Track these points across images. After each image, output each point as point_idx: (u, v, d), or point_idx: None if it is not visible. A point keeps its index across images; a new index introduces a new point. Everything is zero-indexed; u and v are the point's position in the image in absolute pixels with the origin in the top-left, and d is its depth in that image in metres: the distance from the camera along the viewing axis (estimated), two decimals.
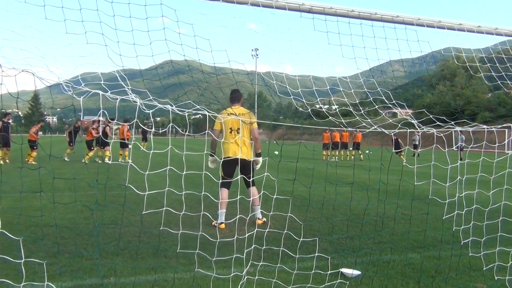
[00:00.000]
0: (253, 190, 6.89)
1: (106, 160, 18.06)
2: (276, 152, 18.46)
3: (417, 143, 28.60)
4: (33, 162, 17.76)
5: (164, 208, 3.88)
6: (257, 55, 79.51)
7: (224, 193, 6.80)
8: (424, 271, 4.86)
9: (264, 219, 7.07)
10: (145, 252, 5.35)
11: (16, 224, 6.42)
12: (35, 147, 18.64)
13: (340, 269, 4.71)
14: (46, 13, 4.12)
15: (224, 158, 6.84)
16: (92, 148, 18.92)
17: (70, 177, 12.61)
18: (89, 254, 5.18)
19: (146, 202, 4.27)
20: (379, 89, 5.71)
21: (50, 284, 3.65)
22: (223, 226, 6.66)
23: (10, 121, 18.91)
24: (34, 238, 5.79)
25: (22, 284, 3.55)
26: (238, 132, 6.90)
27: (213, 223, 6.62)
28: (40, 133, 19.92)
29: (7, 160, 18.17)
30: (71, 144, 20.19)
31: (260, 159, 7.25)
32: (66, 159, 19.13)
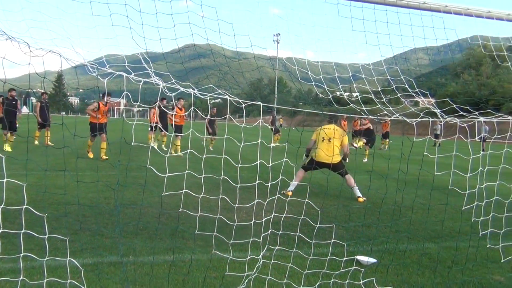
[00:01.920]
0: (347, 177, 8.79)
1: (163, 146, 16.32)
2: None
3: (438, 132, 28.13)
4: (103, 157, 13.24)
5: (184, 191, 3.94)
6: (278, 41, 78.82)
7: (300, 172, 8.96)
8: (441, 261, 4.84)
9: (364, 198, 8.52)
10: (163, 233, 5.46)
11: (40, 201, 6.61)
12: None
13: (355, 256, 4.73)
14: None
15: (316, 160, 8.63)
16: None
17: (93, 157, 12.85)
18: (109, 232, 5.31)
19: (165, 185, 4.34)
20: (402, 77, 5.62)
21: (72, 259, 3.76)
22: (290, 193, 8.37)
23: (47, 100, 17.68)
24: (57, 215, 5.96)
25: (45, 259, 3.68)
26: (329, 141, 8.67)
27: (283, 192, 8.27)
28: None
29: (49, 142, 16.48)
30: None
31: (347, 159, 9.51)
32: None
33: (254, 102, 5.86)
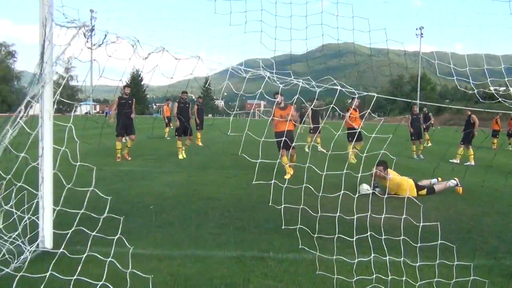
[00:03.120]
0: (436, 189, 8.21)
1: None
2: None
3: None
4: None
5: (320, 194, 3.97)
6: (421, 34, 74.05)
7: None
8: None
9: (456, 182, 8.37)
10: (301, 232, 5.53)
11: (190, 196, 7.27)
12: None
13: None
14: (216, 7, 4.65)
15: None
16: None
17: (236, 154, 13.62)
18: (251, 228, 5.59)
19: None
20: None
21: (222, 253, 4.05)
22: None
23: (201, 103, 19.43)
24: (205, 209, 6.47)
25: (194, 250, 4.03)
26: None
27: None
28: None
29: (200, 143, 18.50)
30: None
31: None
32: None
33: (388, 97, 5.57)
